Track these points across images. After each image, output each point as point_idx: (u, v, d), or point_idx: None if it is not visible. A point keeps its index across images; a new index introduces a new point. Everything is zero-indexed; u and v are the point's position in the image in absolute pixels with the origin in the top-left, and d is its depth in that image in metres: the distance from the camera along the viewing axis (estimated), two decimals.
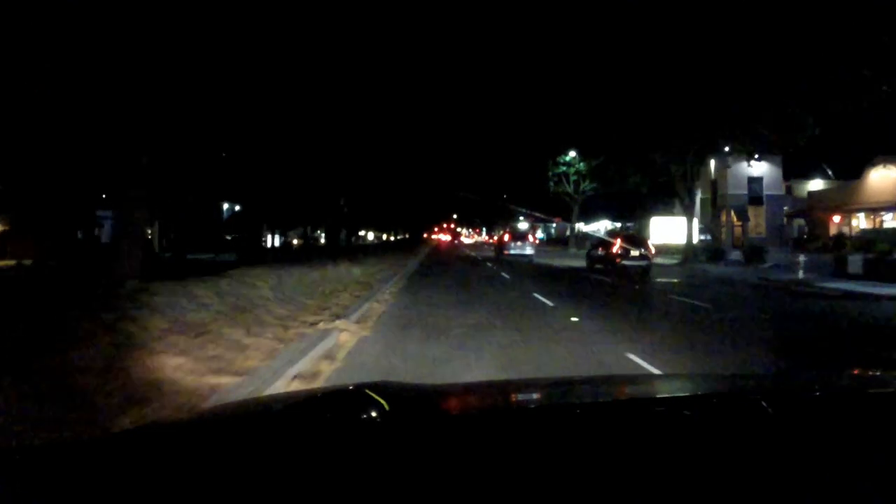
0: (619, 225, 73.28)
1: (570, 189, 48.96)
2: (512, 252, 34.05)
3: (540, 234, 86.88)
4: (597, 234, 38.44)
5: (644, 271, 21.75)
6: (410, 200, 79.68)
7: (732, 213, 48.61)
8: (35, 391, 3.91)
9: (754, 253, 28.84)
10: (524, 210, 77.75)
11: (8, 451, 1.40)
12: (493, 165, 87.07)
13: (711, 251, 31.41)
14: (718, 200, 51.98)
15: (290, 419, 1.28)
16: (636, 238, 24.70)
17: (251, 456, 1.03)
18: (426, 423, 1.25)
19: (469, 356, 6.72)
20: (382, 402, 1.26)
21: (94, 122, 12.46)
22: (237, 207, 60.95)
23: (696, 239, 39.56)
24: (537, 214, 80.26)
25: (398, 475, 0.95)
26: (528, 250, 34.45)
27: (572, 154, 47.13)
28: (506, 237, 37.47)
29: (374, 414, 1.21)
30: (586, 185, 48.07)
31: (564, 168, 47.95)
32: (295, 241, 79.36)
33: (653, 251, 23.65)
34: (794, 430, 1.21)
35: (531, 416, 1.41)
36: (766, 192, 50.21)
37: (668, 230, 38.26)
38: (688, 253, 30.11)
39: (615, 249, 22.41)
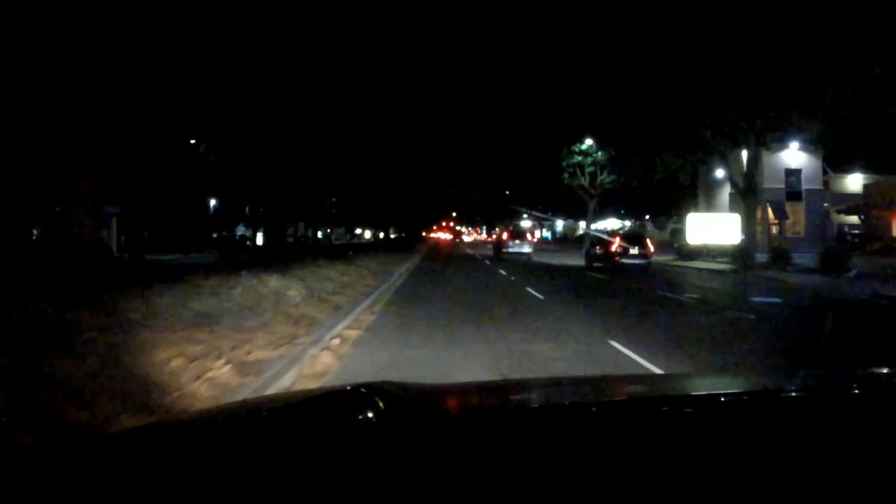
0: (627, 224, 66.94)
1: (585, 182, 42.38)
2: (510, 250, 32.99)
3: (545, 232, 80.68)
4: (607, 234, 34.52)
5: (642, 269, 21.40)
6: (407, 198, 73.65)
7: (769, 209, 42.16)
8: None
9: (835, 258, 22.32)
10: (525, 208, 71.94)
11: (8, 451, 1.38)
12: (495, 161, 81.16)
13: (773, 254, 24.90)
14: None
15: (287, 419, 1.25)
16: (635, 236, 24.10)
17: (248, 456, 1.00)
18: (423, 424, 1.21)
19: None
20: (380, 401, 1.26)
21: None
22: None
23: (738, 239, 33.10)
24: (536, 213, 74.52)
25: (395, 476, 0.92)
26: (526, 248, 33.29)
27: (589, 142, 40.56)
28: (504, 236, 36.34)
29: (370, 414, 1.20)
30: (604, 178, 41.48)
31: (580, 158, 41.36)
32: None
33: (651, 250, 23.00)
34: (795, 430, 1.18)
35: (530, 415, 1.36)
36: (804, 186, 43.80)
37: (708, 229, 31.73)
38: (749, 257, 23.55)
39: (614, 248, 21.83)
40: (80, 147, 13.71)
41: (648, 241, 23.62)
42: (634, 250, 21.83)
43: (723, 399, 1.49)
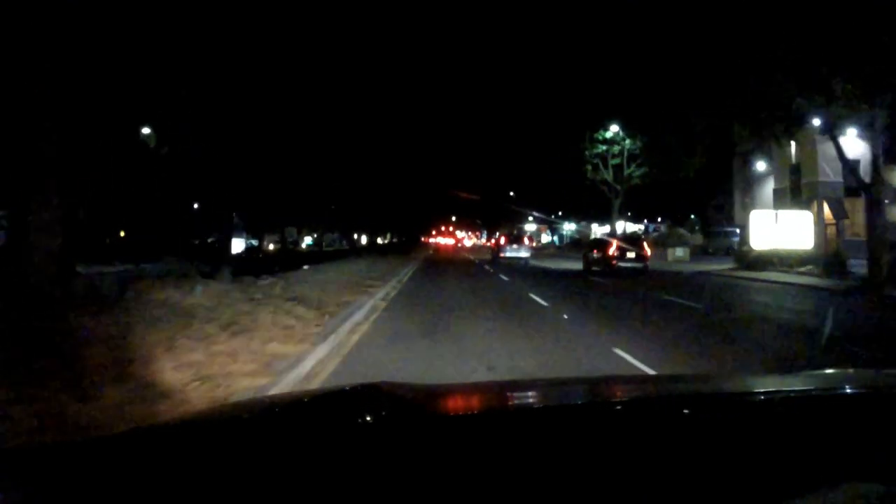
0: (639, 227, 60.09)
1: (608, 176, 35.18)
2: (508, 255, 32.69)
3: (552, 236, 73.76)
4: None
5: (640, 273, 20.69)
6: (405, 201, 66.86)
7: (826, 206, 35.05)
8: None
9: None
10: (530, 210, 65.54)
11: (9, 452, 1.35)
12: (497, 161, 74.82)
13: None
14: (804, 190, 38.39)
15: (287, 420, 1.23)
16: (633, 239, 24.01)
17: (247, 457, 0.99)
18: (422, 424, 1.18)
19: None
20: (380, 402, 1.24)
21: None
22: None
23: (810, 243, 25.99)
24: (537, 215, 67.62)
25: (394, 476, 0.91)
26: (524, 253, 32.98)
27: (614, 129, 33.37)
28: (502, 240, 36.14)
29: (370, 415, 1.17)
30: (633, 171, 34.28)
31: (604, 148, 34.17)
32: (271, 247, 66.99)
33: (648, 253, 22.30)
34: (795, 430, 1.16)
35: (529, 417, 1.32)
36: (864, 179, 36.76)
37: (778, 231, 24.64)
38: (877, 269, 16.30)
39: (612, 251, 21.33)
40: None
41: (645, 244, 22.93)
42: (631, 254, 21.15)
43: (722, 400, 1.46)
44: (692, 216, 52.51)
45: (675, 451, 1.02)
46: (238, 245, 54.16)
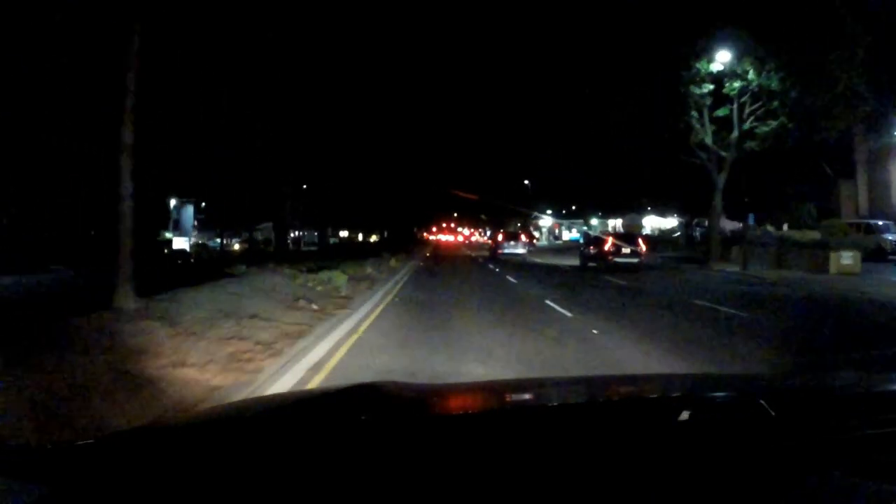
0: (673, 222, 47.76)
1: (707, 137, 22.03)
2: (505, 251, 32.08)
3: (573, 233, 61.32)
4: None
5: (635, 268, 19.76)
6: (402, 195, 55.81)
7: None
8: None
9: None
10: (534, 206, 56.43)
11: (9, 452, 1.30)
12: (509, 149, 63.44)
13: None
14: None
15: (288, 419, 1.20)
16: (628, 235, 23.79)
17: (249, 456, 0.96)
18: (421, 424, 1.15)
19: None
20: (379, 402, 1.20)
21: None
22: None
23: None
24: (537, 213, 61.38)
25: (392, 475, 0.89)
26: (521, 250, 32.50)
27: (725, 57, 20.17)
28: (499, 237, 36.04)
29: (370, 415, 1.14)
30: (757, 126, 20.89)
31: (707, 89, 20.90)
32: (237, 246, 54.44)
33: (643, 248, 21.18)
34: (794, 430, 1.11)
35: (528, 416, 1.28)
36: None
37: None
38: None
39: (607, 247, 20.66)
40: None
41: (640, 240, 22.03)
42: (627, 249, 20.24)
43: (718, 400, 1.41)
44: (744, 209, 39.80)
45: (674, 451, 0.99)
46: (180, 244, 41.31)
